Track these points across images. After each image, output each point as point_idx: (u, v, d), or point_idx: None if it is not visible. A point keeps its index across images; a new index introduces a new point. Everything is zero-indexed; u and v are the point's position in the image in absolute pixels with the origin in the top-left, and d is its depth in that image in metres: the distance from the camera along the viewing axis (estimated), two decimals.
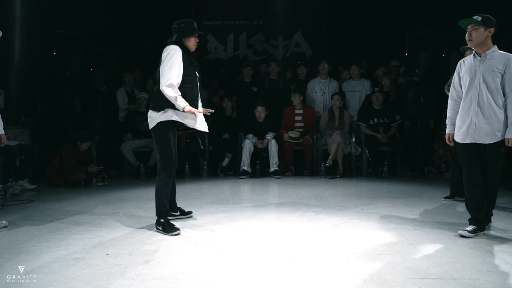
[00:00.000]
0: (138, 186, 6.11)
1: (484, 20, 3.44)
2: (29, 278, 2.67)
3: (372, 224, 3.90)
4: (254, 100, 7.21)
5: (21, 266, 2.82)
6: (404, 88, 7.39)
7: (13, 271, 2.76)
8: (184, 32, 3.75)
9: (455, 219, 4.09)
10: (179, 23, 3.79)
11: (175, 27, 3.79)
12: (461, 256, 3.03)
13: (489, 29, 3.45)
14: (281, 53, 9.50)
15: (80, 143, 6.16)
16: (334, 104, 6.98)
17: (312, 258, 3.03)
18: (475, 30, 3.45)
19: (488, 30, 3.44)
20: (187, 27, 3.76)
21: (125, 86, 7.34)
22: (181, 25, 3.77)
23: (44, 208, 4.67)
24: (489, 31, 3.45)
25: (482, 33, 3.44)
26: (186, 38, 3.77)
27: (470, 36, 3.47)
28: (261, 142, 6.85)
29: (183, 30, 3.75)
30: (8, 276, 2.69)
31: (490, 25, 3.45)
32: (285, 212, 4.43)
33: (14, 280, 2.65)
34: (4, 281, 2.64)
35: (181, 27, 3.76)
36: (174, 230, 3.66)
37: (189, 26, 3.77)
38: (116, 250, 3.20)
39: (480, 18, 3.45)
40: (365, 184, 6.22)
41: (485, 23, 3.43)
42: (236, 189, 5.89)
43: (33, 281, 2.64)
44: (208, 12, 9.50)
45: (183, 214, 4.23)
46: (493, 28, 3.46)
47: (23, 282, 2.62)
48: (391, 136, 6.76)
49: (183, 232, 3.69)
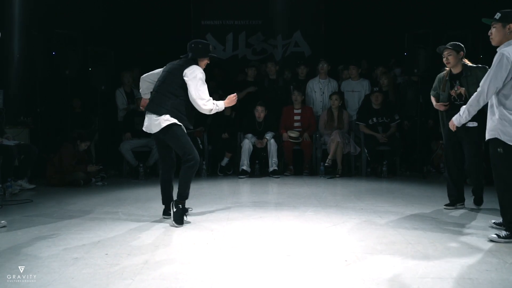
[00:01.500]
0: (137, 185, 6.11)
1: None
2: (28, 278, 2.67)
3: (371, 224, 3.90)
4: (254, 100, 7.21)
5: (21, 266, 2.82)
6: (403, 88, 7.39)
7: (13, 271, 2.76)
8: (200, 53, 4.01)
9: (454, 219, 4.09)
10: (197, 43, 4.05)
11: (192, 46, 4.03)
12: (460, 255, 3.04)
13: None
14: (280, 52, 9.49)
15: (79, 142, 6.15)
16: (333, 103, 6.99)
17: (311, 257, 3.03)
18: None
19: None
20: (204, 49, 4.04)
21: (124, 86, 7.34)
22: (199, 46, 4.03)
23: (43, 208, 4.67)
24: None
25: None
26: (201, 58, 4.01)
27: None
28: (260, 141, 6.85)
29: (200, 50, 4.02)
30: (8, 276, 2.69)
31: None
32: (284, 211, 4.43)
33: (14, 280, 2.65)
34: (4, 281, 2.64)
35: (199, 48, 4.02)
36: (181, 222, 3.84)
37: (205, 48, 4.05)
38: (115, 250, 3.20)
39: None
40: (364, 183, 6.22)
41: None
42: (235, 189, 5.89)
43: (33, 281, 2.64)
44: (207, 12, 9.49)
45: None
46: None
47: (23, 282, 2.62)
48: (390, 136, 6.76)
49: (182, 232, 3.69)
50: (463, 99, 4.20)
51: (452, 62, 4.30)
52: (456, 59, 4.28)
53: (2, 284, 2.61)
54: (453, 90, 4.34)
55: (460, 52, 4.28)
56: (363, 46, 8.46)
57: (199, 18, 9.43)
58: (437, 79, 4.58)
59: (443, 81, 4.45)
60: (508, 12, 3.38)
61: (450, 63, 4.31)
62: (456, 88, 4.31)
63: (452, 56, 4.28)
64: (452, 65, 4.32)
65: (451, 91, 4.36)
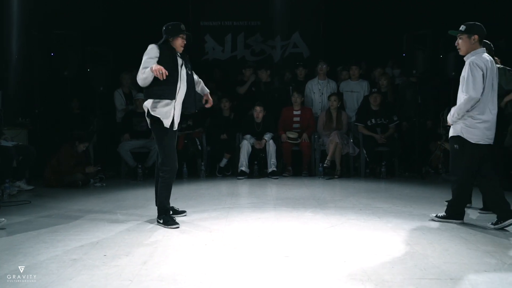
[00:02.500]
0: (135, 186, 6.10)
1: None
2: (28, 278, 2.68)
3: (370, 225, 3.90)
4: (253, 99, 7.22)
5: (21, 266, 2.83)
6: (402, 89, 7.39)
7: (11, 272, 2.76)
8: (170, 33, 3.98)
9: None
10: (167, 25, 4.04)
11: (163, 29, 4.04)
12: (459, 256, 3.04)
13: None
14: (279, 53, 9.50)
15: (77, 143, 6.14)
16: (331, 104, 6.99)
17: (310, 258, 3.03)
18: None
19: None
20: (173, 28, 3.99)
21: (123, 87, 7.33)
22: (169, 27, 4.02)
23: (41, 209, 4.66)
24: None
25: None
26: (172, 38, 3.97)
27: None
28: (259, 142, 6.85)
29: (170, 30, 4.00)
30: (8, 276, 2.69)
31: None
32: (283, 212, 4.43)
33: (14, 280, 2.65)
34: (4, 281, 2.64)
35: (169, 29, 4.01)
36: (174, 223, 3.85)
37: (175, 27, 4.00)
38: (113, 251, 3.19)
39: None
40: (363, 184, 6.22)
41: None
42: (234, 190, 5.89)
43: (33, 281, 2.64)
44: (206, 13, 9.49)
45: (176, 213, 4.28)
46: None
47: (22, 282, 2.62)
48: (388, 137, 6.77)
49: (180, 233, 3.69)
50: None
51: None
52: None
53: (2, 285, 2.61)
54: None
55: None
56: (361, 47, 8.47)
57: (198, 19, 9.43)
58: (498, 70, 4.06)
59: (501, 71, 4.28)
60: (472, 24, 3.76)
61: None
62: None
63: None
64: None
65: None
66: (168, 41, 3.98)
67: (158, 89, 3.86)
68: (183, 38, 4.01)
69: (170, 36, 3.96)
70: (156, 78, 3.79)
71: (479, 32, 3.73)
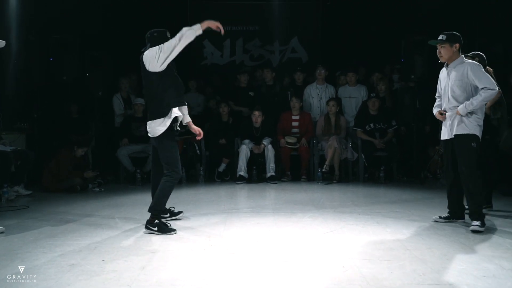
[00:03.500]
0: (134, 191, 6.09)
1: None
2: (28, 278, 2.69)
3: (368, 229, 3.90)
4: (251, 104, 7.23)
5: (21, 266, 2.86)
6: (400, 94, 7.41)
7: (9, 277, 2.74)
8: (157, 41, 3.85)
9: (452, 224, 4.09)
10: (152, 32, 3.93)
11: (148, 36, 3.93)
12: (458, 261, 3.04)
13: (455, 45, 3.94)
14: (277, 58, 9.52)
15: (76, 148, 6.14)
16: (330, 109, 7.00)
17: (308, 263, 3.03)
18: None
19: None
20: (159, 36, 3.88)
21: (121, 92, 7.33)
22: (154, 34, 3.91)
23: (39, 214, 4.64)
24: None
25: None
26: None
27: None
28: (257, 147, 6.85)
29: (156, 38, 3.87)
30: (8, 276, 2.70)
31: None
32: (281, 217, 4.43)
33: (14, 280, 2.67)
34: (4, 281, 2.64)
35: (154, 36, 3.89)
36: (171, 230, 3.77)
37: (161, 35, 3.90)
38: (112, 256, 3.18)
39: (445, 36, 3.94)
40: (361, 189, 6.22)
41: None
42: (232, 195, 5.88)
43: (33, 281, 2.66)
44: (204, 18, 9.45)
45: (173, 215, 4.30)
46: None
47: (23, 282, 2.62)
48: (387, 142, 6.77)
49: (179, 238, 3.68)
50: None
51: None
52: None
53: (3, 285, 2.61)
54: None
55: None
56: (360, 52, 8.49)
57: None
58: None
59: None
60: (451, 33, 3.96)
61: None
62: None
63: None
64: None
65: None
66: None
67: (175, 95, 3.85)
68: None
69: (157, 44, 3.83)
70: (169, 86, 3.81)
71: (460, 41, 3.96)
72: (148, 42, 3.91)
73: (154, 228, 3.75)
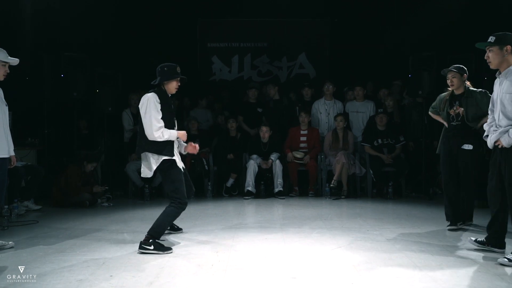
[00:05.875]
0: (142, 206, 6.11)
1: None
2: (28, 278, 2.78)
3: (377, 246, 3.87)
4: (259, 121, 7.26)
5: (21, 266, 2.92)
6: (408, 109, 7.41)
7: (8, 277, 2.77)
8: (166, 76, 3.90)
9: (461, 241, 4.04)
10: (163, 66, 3.95)
11: (158, 70, 3.96)
12: (468, 279, 3.00)
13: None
14: (285, 74, 9.60)
15: (85, 163, 6.19)
16: (338, 125, 7.01)
17: (317, 279, 3.01)
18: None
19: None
20: (169, 71, 3.92)
21: (131, 107, 7.40)
22: (165, 69, 3.93)
23: (48, 229, 4.67)
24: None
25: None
26: (168, 81, 3.90)
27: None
28: (265, 162, 6.86)
29: (166, 73, 3.91)
30: (8, 276, 2.70)
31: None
32: (289, 233, 4.41)
33: (14, 280, 2.67)
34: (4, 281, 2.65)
35: (164, 71, 3.93)
36: (167, 248, 3.72)
37: (172, 70, 3.92)
38: (120, 272, 3.19)
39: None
40: (370, 205, 6.19)
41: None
42: (240, 210, 5.87)
43: (33, 281, 2.73)
44: (213, 34, 9.63)
45: (173, 230, 4.35)
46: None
47: (22, 282, 2.63)
48: (395, 157, 6.75)
49: (187, 253, 3.68)
50: (459, 119, 4.47)
51: (456, 84, 4.47)
52: (460, 81, 4.46)
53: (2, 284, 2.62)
54: (452, 110, 4.52)
55: (463, 75, 4.46)
56: (368, 68, 8.52)
57: (205, 40, 9.58)
58: (438, 98, 4.75)
59: (443, 101, 4.63)
60: (502, 34, 3.41)
61: (454, 85, 4.49)
62: (455, 108, 4.49)
63: (456, 79, 4.46)
64: (456, 87, 4.50)
65: (450, 110, 4.54)
66: (162, 84, 3.91)
67: (160, 143, 3.81)
68: (178, 81, 3.95)
69: (166, 79, 3.88)
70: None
71: (511, 42, 3.39)
72: (159, 75, 3.93)
73: (150, 247, 3.65)
